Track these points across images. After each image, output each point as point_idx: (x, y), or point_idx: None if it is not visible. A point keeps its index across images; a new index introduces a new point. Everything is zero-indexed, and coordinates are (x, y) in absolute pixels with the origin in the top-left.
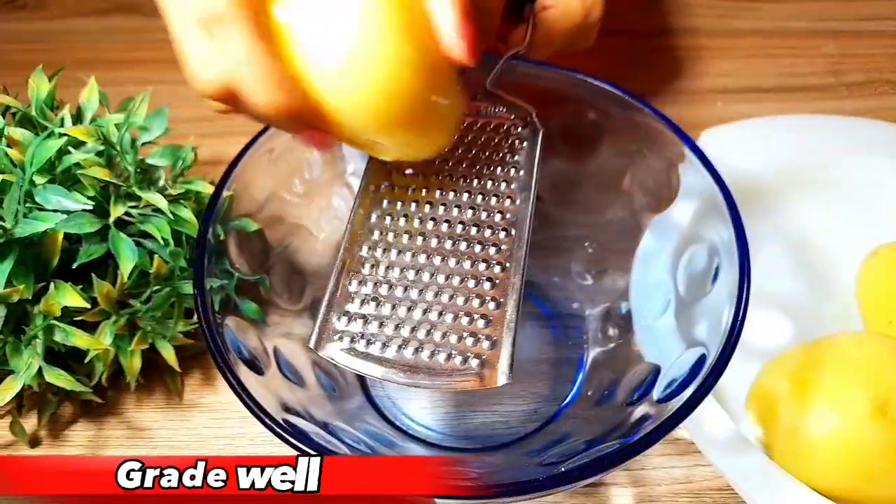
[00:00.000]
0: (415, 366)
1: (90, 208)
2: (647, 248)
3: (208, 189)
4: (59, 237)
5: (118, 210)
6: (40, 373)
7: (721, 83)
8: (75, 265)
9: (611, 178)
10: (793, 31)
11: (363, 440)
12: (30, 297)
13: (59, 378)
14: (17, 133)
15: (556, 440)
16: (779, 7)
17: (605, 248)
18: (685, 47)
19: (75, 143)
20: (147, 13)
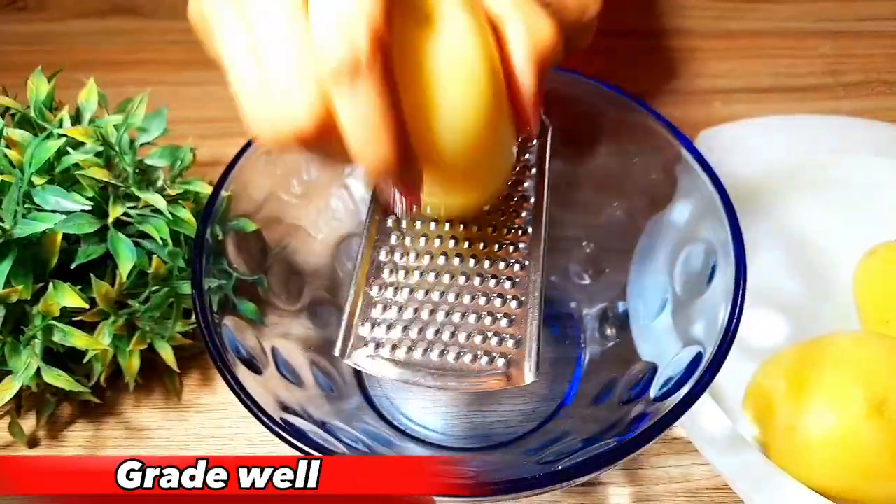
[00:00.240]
0: (442, 368)
1: (89, 209)
2: (645, 248)
3: (207, 189)
4: (58, 237)
5: (117, 210)
6: (39, 373)
7: (718, 84)
8: (74, 265)
9: (608, 179)
10: (790, 31)
11: (361, 439)
12: (28, 298)
13: (57, 378)
14: (16, 134)
15: (553, 439)
16: (776, 8)
17: (603, 248)
18: (682, 48)
19: (74, 143)
20: (146, 15)
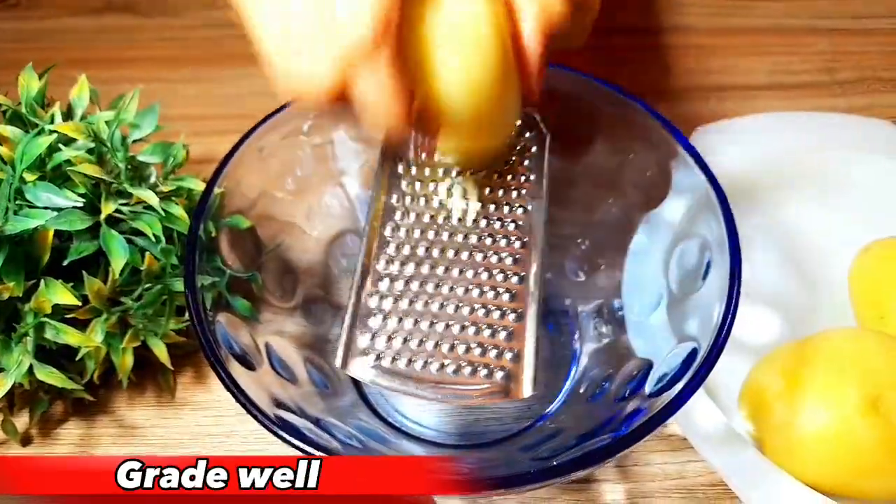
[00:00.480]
0: (441, 381)
1: (81, 205)
2: (640, 245)
3: (200, 186)
4: (50, 234)
5: (109, 207)
6: (31, 371)
7: (714, 80)
8: (66, 262)
9: (604, 176)
10: (786, 28)
11: (355, 436)
12: (20, 295)
13: (50, 376)
14: (7, 130)
15: (548, 436)
16: (772, 5)
17: (598, 245)
18: (678, 45)
19: (66, 140)
20: (140, 12)
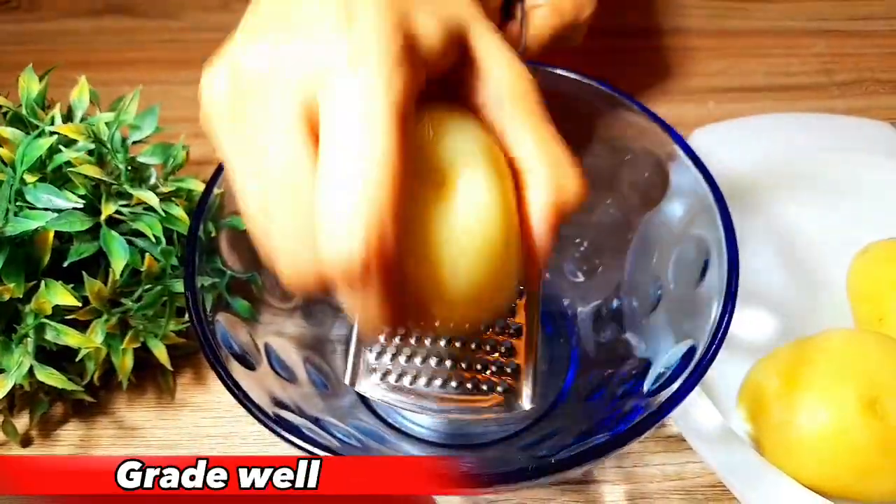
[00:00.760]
0: (444, 396)
1: (81, 206)
2: (638, 246)
3: (200, 187)
4: (50, 235)
5: (109, 208)
6: (32, 372)
7: (712, 82)
8: (66, 263)
9: (602, 177)
10: (784, 30)
11: (354, 435)
12: (21, 296)
13: (50, 377)
14: (8, 132)
15: (547, 435)
16: (770, 7)
17: (597, 245)
18: (676, 47)
19: (66, 141)
20: (140, 14)
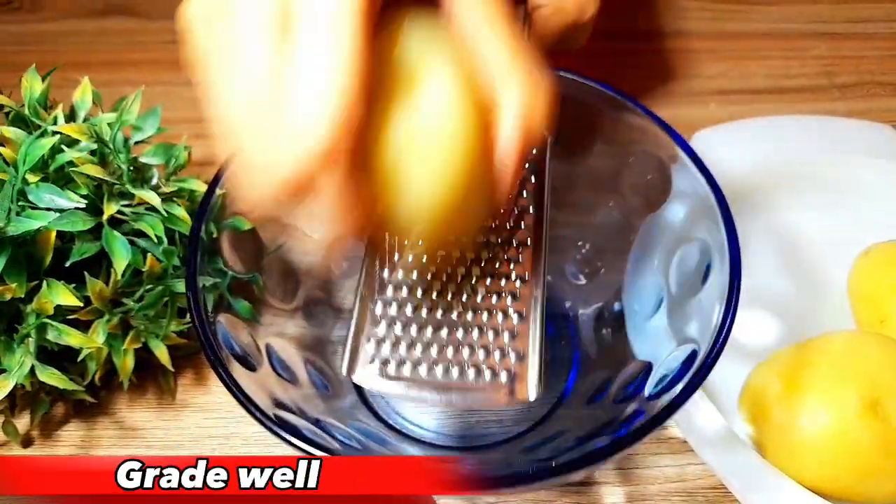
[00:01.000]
0: (446, 385)
1: (83, 206)
2: (640, 248)
3: (202, 187)
4: (52, 235)
5: (111, 208)
6: (33, 372)
7: (714, 84)
8: (68, 263)
9: (604, 179)
10: (785, 33)
11: (355, 437)
12: (22, 296)
13: (51, 377)
14: (10, 132)
15: (548, 438)
16: (771, 9)
17: (599, 247)
18: (678, 49)
19: (68, 141)
20: (142, 15)
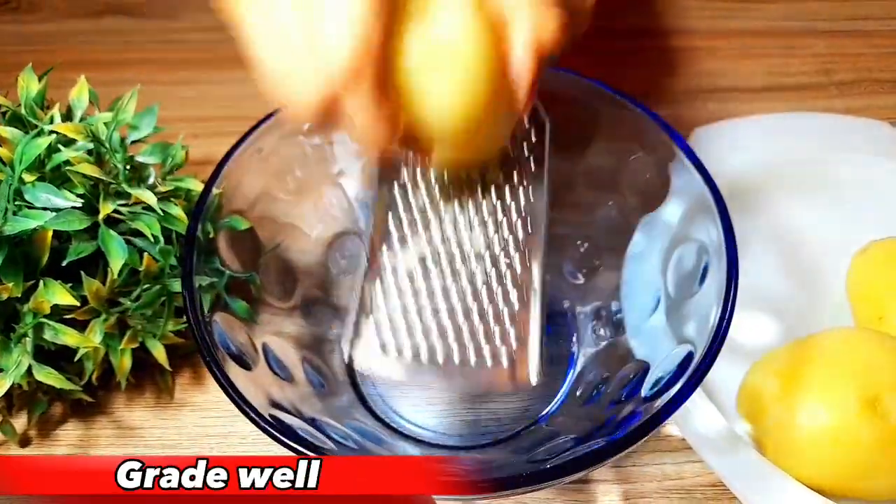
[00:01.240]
0: (447, 370)
1: (79, 206)
2: (638, 247)
3: (198, 187)
4: (49, 235)
5: (108, 207)
6: (30, 371)
7: (712, 83)
8: (65, 263)
9: (602, 177)
10: (783, 30)
11: (352, 437)
12: (19, 296)
13: (48, 376)
14: (6, 131)
15: (545, 438)
16: (770, 7)
17: (597, 246)
18: (677, 48)
19: (65, 141)
20: (139, 15)
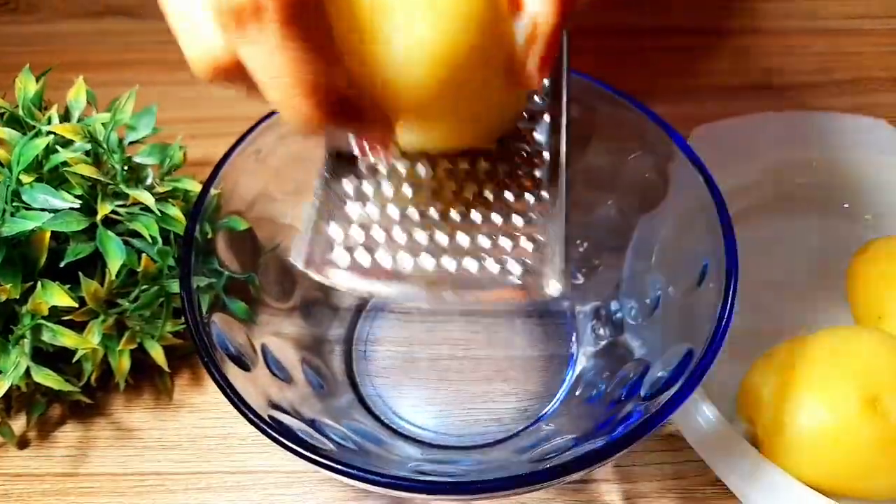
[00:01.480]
0: (437, 279)
1: (77, 207)
2: (638, 247)
3: (196, 187)
4: (47, 236)
5: (105, 208)
6: (28, 373)
7: (711, 81)
8: (63, 264)
9: (602, 177)
10: (782, 29)
11: (351, 437)
12: (17, 297)
13: (47, 378)
14: (4, 132)
15: (544, 437)
16: (768, 6)
17: (596, 246)
18: (675, 47)
19: (63, 141)
20: (138, 16)
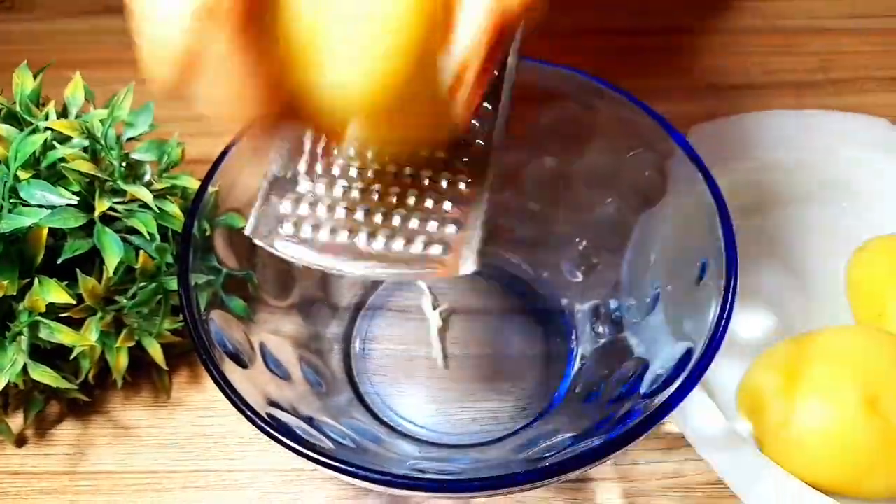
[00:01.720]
0: (368, 254)
1: (75, 203)
2: (637, 245)
3: (194, 184)
4: (44, 232)
5: (103, 205)
6: (25, 370)
7: (710, 80)
8: (60, 261)
9: (600, 175)
10: (781, 28)
11: (349, 435)
12: (14, 294)
13: (44, 375)
14: (2, 129)
15: (543, 436)
16: (766, 5)
17: (595, 244)
18: (674, 45)
19: (60, 138)
20: None
